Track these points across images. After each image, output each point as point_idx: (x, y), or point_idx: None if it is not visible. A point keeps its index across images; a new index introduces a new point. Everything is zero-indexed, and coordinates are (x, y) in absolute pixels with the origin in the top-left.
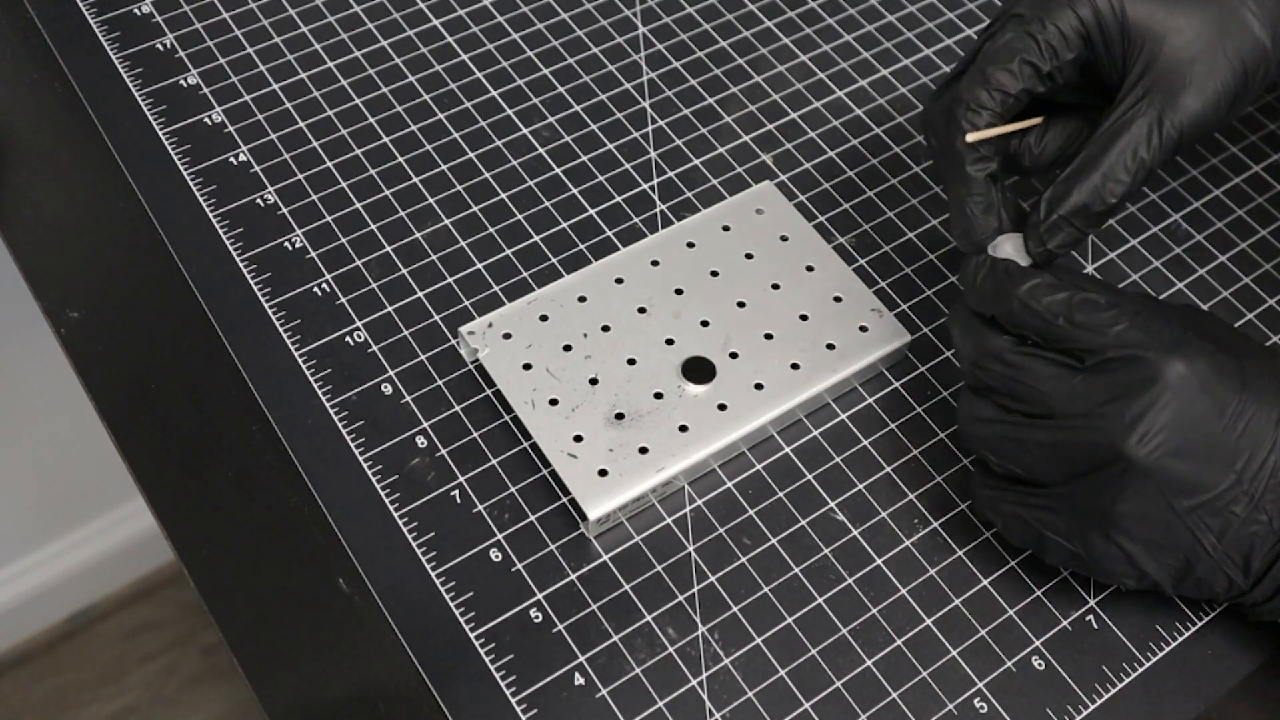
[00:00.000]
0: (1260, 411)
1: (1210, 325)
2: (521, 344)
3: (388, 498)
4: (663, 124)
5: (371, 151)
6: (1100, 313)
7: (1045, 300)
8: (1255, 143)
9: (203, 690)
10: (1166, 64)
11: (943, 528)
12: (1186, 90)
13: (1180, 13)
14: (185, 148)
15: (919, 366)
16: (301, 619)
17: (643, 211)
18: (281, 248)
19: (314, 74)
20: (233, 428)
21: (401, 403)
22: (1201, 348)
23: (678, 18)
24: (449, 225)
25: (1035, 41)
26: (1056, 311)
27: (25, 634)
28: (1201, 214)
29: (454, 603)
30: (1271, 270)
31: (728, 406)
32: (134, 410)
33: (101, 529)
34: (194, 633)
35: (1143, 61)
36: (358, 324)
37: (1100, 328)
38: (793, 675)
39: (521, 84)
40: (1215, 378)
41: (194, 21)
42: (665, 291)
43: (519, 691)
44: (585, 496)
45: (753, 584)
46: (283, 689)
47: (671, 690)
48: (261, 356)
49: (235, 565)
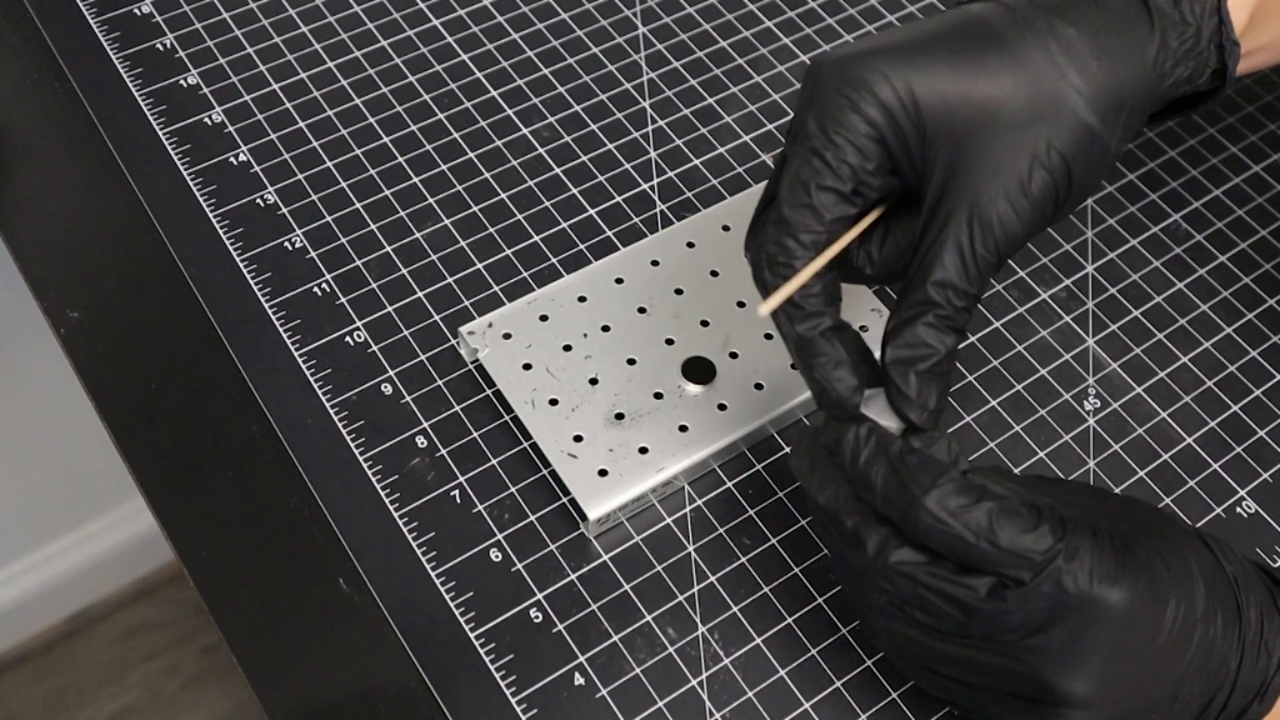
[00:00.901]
0: (1190, 613)
1: (1131, 512)
2: (521, 344)
3: (388, 498)
4: (663, 124)
5: (371, 151)
6: (1025, 532)
7: (962, 517)
8: (1255, 143)
9: (203, 690)
10: (971, 170)
11: None
12: (995, 201)
13: (984, 102)
14: (185, 148)
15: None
16: (301, 619)
17: (643, 211)
18: (281, 248)
19: (314, 74)
20: (233, 428)
21: (401, 403)
22: (1138, 566)
23: (678, 18)
24: (449, 225)
25: (826, 163)
26: (976, 532)
27: (25, 634)
28: (1201, 214)
29: (454, 603)
30: (1271, 270)
31: (728, 406)
32: (134, 410)
33: (101, 529)
34: (194, 633)
35: (943, 168)
36: (358, 324)
37: (1028, 551)
38: (793, 675)
39: (521, 84)
40: (1151, 597)
41: (194, 21)
42: (665, 291)
43: (519, 691)
44: (585, 496)
45: (753, 584)
46: (283, 689)
47: (671, 690)
48: (261, 356)
49: (235, 565)
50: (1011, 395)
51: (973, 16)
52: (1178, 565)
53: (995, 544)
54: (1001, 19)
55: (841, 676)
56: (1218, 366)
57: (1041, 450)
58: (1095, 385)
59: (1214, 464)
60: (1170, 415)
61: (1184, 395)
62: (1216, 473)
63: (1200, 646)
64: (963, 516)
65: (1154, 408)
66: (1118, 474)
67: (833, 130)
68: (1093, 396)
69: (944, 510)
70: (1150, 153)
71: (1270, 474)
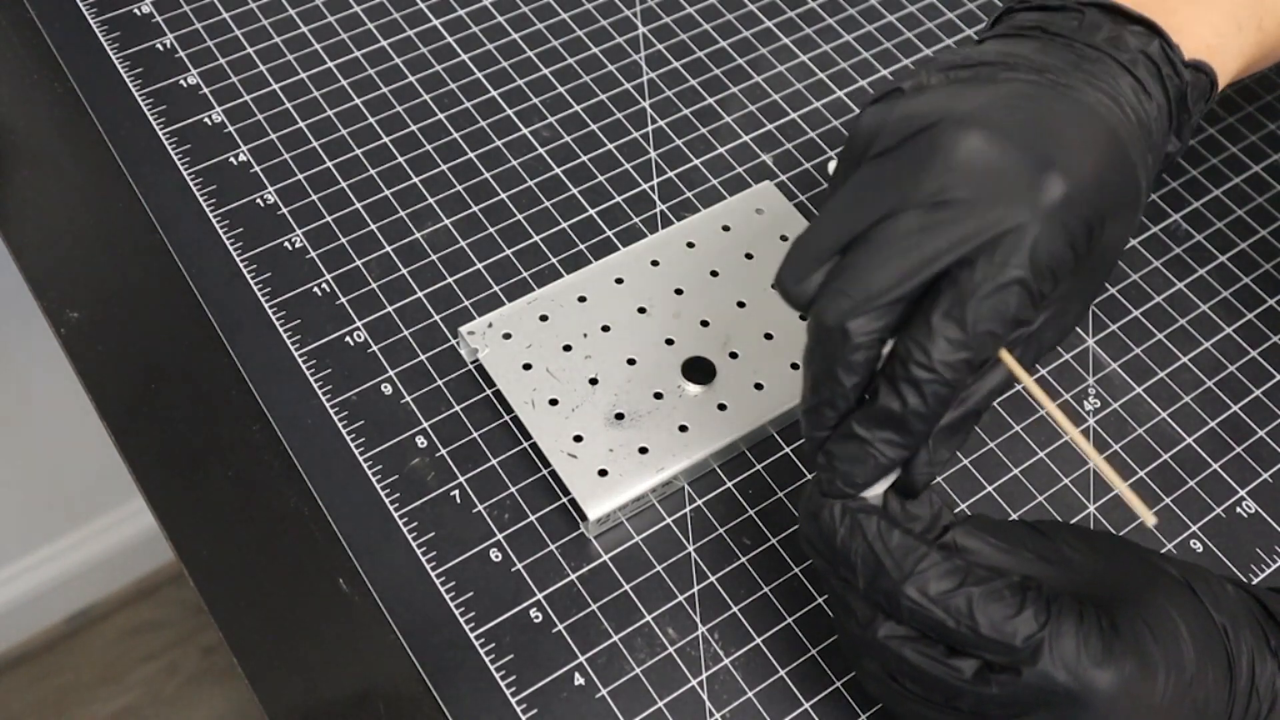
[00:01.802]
0: (1180, 680)
1: (1120, 562)
2: (521, 344)
3: (388, 498)
4: (663, 124)
5: (371, 151)
6: (1008, 619)
7: (943, 603)
8: (1255, 143)
9: (203, 690)
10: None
11: None
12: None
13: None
14: (185, 148)
15: None
16: (301, 619)
17: (643, 211)
18: (281, 248)
19: (314, 74)
20: (233, 428)
21: (401, 403)
22: (1125, 646)
23: (678, 18)
24: (449, 225)
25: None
26: (958, 618)
27: (25, 634)
28: (1201, 214)
29: (454, 603)
30: (1271, 270)
31: (728, 406)
32: (134, 410)
33: (101, 529)
34: (194, 633)
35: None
36: (358, 324)
37: (1010, 638)
38: (793, 675)
39: (521, 84)
40: (1140, 673)
41: (194, 21)
42: (665, 291)
43: (519, 691)
44: (585, 496)
45: (753, 584)
46: (283, 689)
47: (671, 690)
48: (261, 356)
49: (235, 565)
50: (1011, 396)
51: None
52: (1165, 633)
53: (976, 630)
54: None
55: (841, 677)
56: (1218, 366)
57: (1041, 450)
58: (1095, 385)
59: (1214, 464)
60: (1170, 415)
61: (1184, 395)
62: (1216, 473)
63: (1192, 709)
64: (944, 603)
65: (1154, 408)
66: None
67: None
68: (1093, 396)
69: (924, 597)
70: None
71: (1270, 474)
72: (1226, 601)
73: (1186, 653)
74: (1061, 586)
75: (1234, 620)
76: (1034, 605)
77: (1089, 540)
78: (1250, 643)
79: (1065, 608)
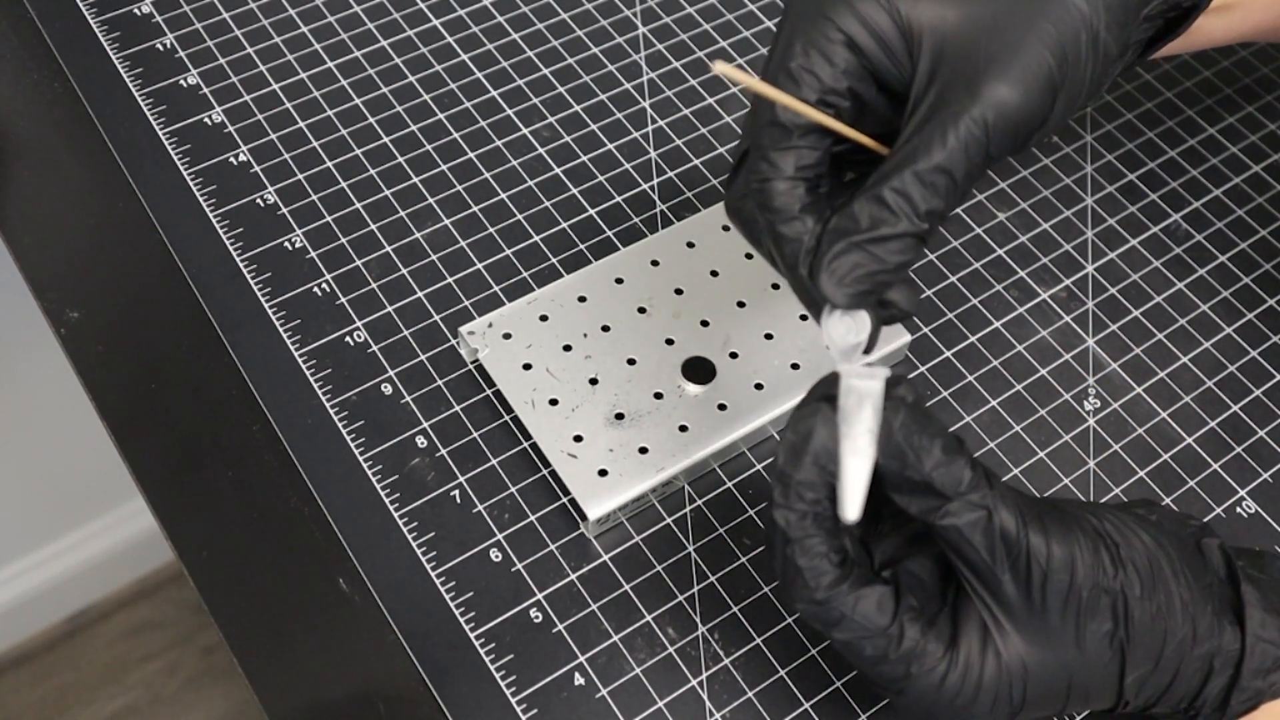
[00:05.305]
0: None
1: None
2: (521, 344)
3: (388, 498)
4: (663, 124)
5: (371, 151)
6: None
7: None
8: (1255, 143)
9: (203, 690)
10: (958, 51)
11: None
12: (986, 76)
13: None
14: (185, 148)
15: (919, 366)
16: (301, 619)
17: (643, 211)
18: (281, 248)
19: (314, 74)
20: (233, 428)
21: (401, 403)
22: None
23: (678, 18)
24: (449, 225)
25: (791, 77)
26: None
27: (25, 634)
28: (1201, 214)
29: (454, 603)
30: (1271, 270)
31: (728, 406)
32: (134, 410)
33: (101, 529)
34: (194, 633)
35: (930, 54)
36: (358, 324)
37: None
38: (793, 675)
39: (521, 84)
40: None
41: (194, 21)
42: (665, 291)
43: (519, 691)
44: (585, 496)
45: (753, 584)
46: (283, 689)
47: (671, 690)
48: (261, 356)
49: (235, 565)
50: (1011, 395)
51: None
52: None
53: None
54: None
55: (841, 676)
56: (1218, 366)
57: (1041, 450)
58: (1095, 385)
59: (1214, 464)
60: (1170, 415)
61: (1184, 395)
62: (1216, 473)
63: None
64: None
65: (1154, 408)
66: (1118, 474)
67: (801, 42)
68: (1093, 396)
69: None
70: (1150, 153)
71: (1270, 474)
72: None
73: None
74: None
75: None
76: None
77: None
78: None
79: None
